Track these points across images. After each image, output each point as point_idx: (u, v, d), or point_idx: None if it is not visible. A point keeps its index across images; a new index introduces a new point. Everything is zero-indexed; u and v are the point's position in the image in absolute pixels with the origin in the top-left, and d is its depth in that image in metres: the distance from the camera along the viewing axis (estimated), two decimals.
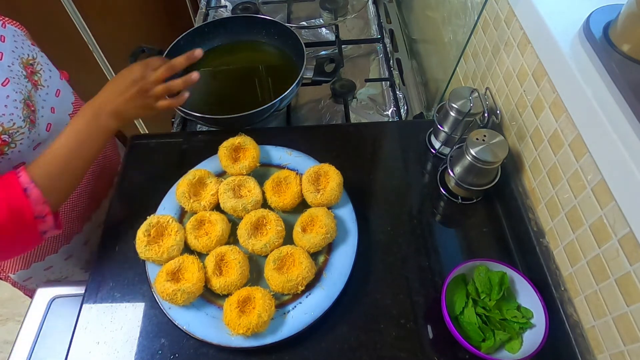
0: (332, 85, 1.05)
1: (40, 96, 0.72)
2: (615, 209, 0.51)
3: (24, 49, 0.71)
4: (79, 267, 0.93)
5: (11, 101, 0.64)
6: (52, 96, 0.75)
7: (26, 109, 0.66)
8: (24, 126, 0.65)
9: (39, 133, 0.70)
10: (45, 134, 0.72)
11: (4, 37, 0.67)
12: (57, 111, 0.75)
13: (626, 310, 0.51)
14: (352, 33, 1.25)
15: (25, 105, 0.66)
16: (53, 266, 0.87)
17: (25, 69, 0.69)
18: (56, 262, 0.87)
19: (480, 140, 0.69)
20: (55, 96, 0.76)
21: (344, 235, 0.70)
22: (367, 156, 0.84)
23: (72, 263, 0.90)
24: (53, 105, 0.75)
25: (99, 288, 0.68)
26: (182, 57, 0.72)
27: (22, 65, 0.69)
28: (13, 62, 0.67)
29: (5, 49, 0.67)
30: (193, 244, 0.68)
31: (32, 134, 0.68)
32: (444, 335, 0.60)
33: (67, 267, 0.90)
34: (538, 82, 0.66)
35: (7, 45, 0.67)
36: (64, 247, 0.86)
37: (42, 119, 0.71)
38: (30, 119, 0.67)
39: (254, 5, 1.29)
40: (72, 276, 0.94)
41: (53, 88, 0.75)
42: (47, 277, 0.89)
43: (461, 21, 0.90)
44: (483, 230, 0.75)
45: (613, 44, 0.53)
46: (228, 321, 0.59)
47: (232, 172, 0.75)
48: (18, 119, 0.64)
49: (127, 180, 0.81)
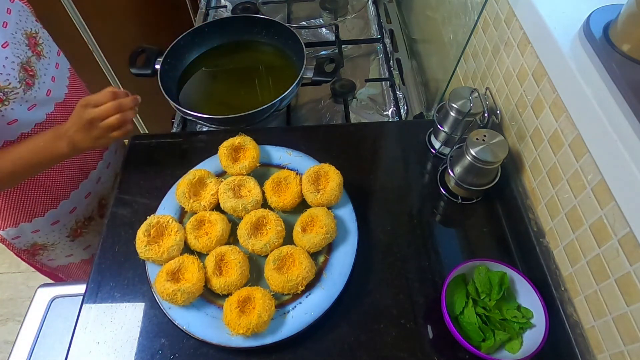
0: (332, 85, 1.05)
1: (43, 65, 0.78)
2: (615, 209, 0.51)
3: (28, 23, 0.77)
4: (65, 234, 0.96)
5: (9, 62, 0.70)
6: (53, 67, 0.81)
7: (23, 72, 0.72)
8: (19, 87, 0.71)
9: (36, 96, 0.75)
10: (44, 97, 0.78)
11: (10, 10, 0.73)
12: (57, 80, 0.81)
13: (626, 310, 0.51)
14: (352, 33, 1.25)
15: (22, 69, 0.72)
16: (40, 230, 0.92)
17: (28, 39, 0.76)
18: (43, 225, 0.91)
19: (480, 140, 0.69)
20: (55, 68, 0.82)
21: (344, 235, 0.70)
22: (367, 156, 0.84)
23: (57, 229, 0.94)
24: (54, 75, 0.81)
25: (99, 288, 0.68)
26: (130, 99, 0.71)
27: (25, 36, 0.75)
28: (16, 32, 0.73)
29: (10, 20, 0.73)
30: (193, 244, 0.68)
31: (27, 95, 0.73)
32: (444, 335, 0.60)
33: (54, 234, 0.94)
34: (538, 82, 0.66)
35: (12, 17, 0.73)
36: (50, 211, 0.90)
37: (44, 84, 0.78)
38: (27, 82, 0.73)
39: (254, 5, 1.29)
40: (58, 244, 0.98)
41: (53, 61, 0.82)
42: (35, 240, 0.94)
43: (461, 21, 0.90)
44: (483, 230, 0.75)
45: (613, 44, 0.53)
46: (228, 321, 0.59)
47: (232, 172, 0.75)
48: (14, 79, 0.70)
49: (127, 180, 0.81)
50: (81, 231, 0.99)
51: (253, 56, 1.08)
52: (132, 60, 0.97)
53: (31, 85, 0.74)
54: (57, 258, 1.02)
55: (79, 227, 0.98)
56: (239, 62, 1.07)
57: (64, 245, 0.99)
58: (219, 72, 1.05)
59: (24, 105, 0.74)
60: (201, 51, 1.07)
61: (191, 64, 1.05)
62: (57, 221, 0.92)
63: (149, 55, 0.97)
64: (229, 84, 1.03)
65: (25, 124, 0.76)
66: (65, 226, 0.95)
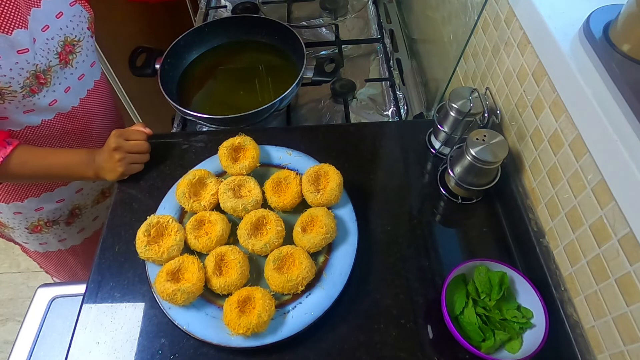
0: (332, 85, 1.05)
1: (65, 74, 0.78)
2: (615, 209, 0.51)
3: (75, 30, 0.78)
4: (24, 226, 0.97)
5: (17, 68, 0.69)
6: (75, 78, 0.82)
7: (33, 79, 0.72)
8: (19, 92, 0.71)
9: (35, 103, 0.75)
10: (45, 106, 0.77)
11: (62, 14, 0.75)
12: (71, 91, 0.81)
13: (626, 310, 0.51)
14: (352, 33, 1.25)
15: (33, 76, 0.71)
16: (2, 212, 0.93)
17: (64, 47, 0.76)
18: (4, 208, 0.92)
19: (480, 140, 0.69)
20: (77, 79, 0.83)
21: (344, 235, 0.70)
22: (367, 156, 0.84)
23: (18, 219, 0.95)
24: (70, 85, 0.81)
25: (99, 288, 0.68)
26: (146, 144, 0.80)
27: (63, 43, 0.76)
28: (53, 37, 0.74)
29: (54, 24, 0.74)
30: (193, 244, 0.68)
31: (25, 100, 0.73)
32: (444, 335, 0.60)
33: (14, 221, 0.95)
34: (538, 82, 0.66)
35: (59, 21, 0.74)
36: (15, 203, 0.91)
37: (52, 94, 0.77)
38: (32, 89, 0.72)
39: (254, 5, 1.29)
40: (17, 230, 0.98)
41: (79, 71, 0.82)
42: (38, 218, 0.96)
43: (461, 21, 0.90)
44: (483, 230, 0.75)
45: (613, 44, 0.53)
46: (228, 321, 0.59)
47: (232, 172, 0.75)
48: (17, 84, 0.70)
49: (126, 180, 0.81)
50: (41, 229, 0.99)
51: (253, 56, 1.08)
52: (132, 60, 0.97)
53: (35, 92, 0.73)
54: (16, 238, 1.03)
55: (40, 225, 0.98)
56: (239, 62, 1.07)
57: (22, 233, 0.99)
58: (219, 72, 1.05)
59: (19, 108, 0.74)
60: (201, 51, 1.07)
61: (191, 64, 1.05)
62: (19, 212, 0.93)
63: (149, 55, 0.97)
64: (229, 84, 1.03)
65: (15, 124, 0.76)
66: (27, 220, 0.95)
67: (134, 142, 0.78)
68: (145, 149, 0.80)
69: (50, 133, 0.82)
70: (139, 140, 0.79)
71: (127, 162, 0.77)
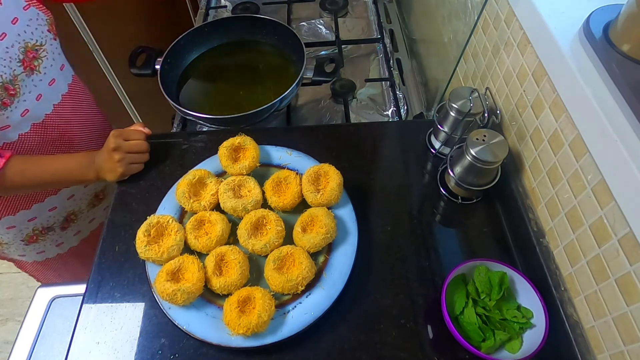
0: (332, 85, 1.05)
1: (33, 81, 0.75)
2: (615, 209, 0.51)
3: (35, 34, 0.74)
4: (20, 238, 0.95)
5: None
6: (45, 84, 0.79)
7: (2, 91, 0.70)
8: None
9: (9, 116, 0.73)
10: (18, 118, 0.75)
11: (17, 19, 0.71)
12: (43, 98, 0.79)
13: (626, 310, 0.51)
14: (352, 33, 1.25)
15: (1, 88, 0.69)
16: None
17: (26, 53, 0.73)
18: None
19: (480, 140, 0.69)
20: (48, 85, 0.80)
21: (344, 235, 0.70)
22: (367, 156, 0.84)
23: (12, 233, 0.93)
24: (41, 92, 0.78)
25: (99, 288, 0.68)
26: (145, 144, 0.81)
27: (24, 50, 0.72)
28: (13, 45, 0.70)
29: (11, 31, 0.70)
30: (193, 244, 0.68)
31: None
32: (444, 335, 0.60)
33: (8, 235, 0.94)
34: (538, 82, 0.66)
35: (16, 27, 0.71)
36: (8, 217, 0.89)
37: (23, 103, 0.75)
38: (3, 102, 0.70)
39: (254, 5, 1.29)
40: (12, 245, 0.96)
41: (49, 76, 0.79)
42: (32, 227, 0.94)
43: (461, 21, 0.90)
44: (483, 230, 0.74)
45: (613, 44, 0.53)
46: (228, 321, 0.59)
47: (232, 172, 0.75)
48: None
49: (127, 181, 0.81)
50: (37, 238, 0.98)
51: (253, 56, 1.08)
52: (132, 60, 0.97)
53: (8, 105, 0.71)
54: (11, 254, 1.01)
55: (35, 235, 0.97)
56: (239, 62, 1.07)
57: (18, 247, 0.97)
58: (219, 72, 1.05)
59: None
60: (201, 51, 1.07)
61: (191, 64, 1.05)
62: (12, 226, 0.92)
63: (149, 55, 0.97)
64: (229, 84, 1.03)
65: None
66: (21, 232, 0.94)
67: (134, 142, 0.78)
68: (144, 148, 0.80)
69: (29, 146, 0.80)
70: (138, 140, 0.79)
71: (127, 162, 0.77)
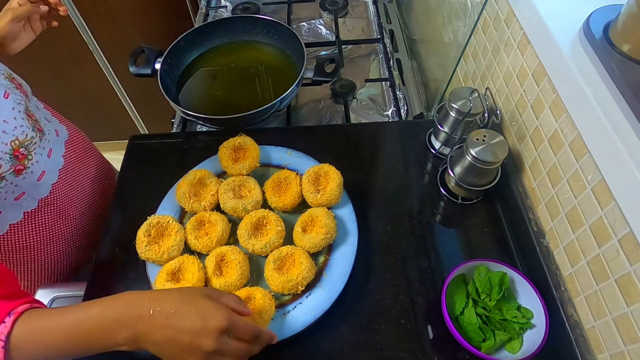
0: (332, 85, 1.05)
1: (37, 106, 0.73)
2: (615, 209, 0.51)
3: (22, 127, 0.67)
4: None
5: (17, 112, 0.64)
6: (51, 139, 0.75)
7: (30, 119, 0.68)
8: (35, 136, 0.67)
9: (49, 140, 0.71)
10: (55, 138, 0.73)
11: None
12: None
13: (626, 310, 0.51)
14: (352, 33, 1.25)
15: (27, 116, 0.67)
16: None
17: (10, 81, 0.69)
18: None
19: (480, 141, 0.69)
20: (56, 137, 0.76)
21: (344, 235, 0.70)
22: (367, 156, 0.84)
23: None
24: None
25: (99, 288, 0.68)
26: None
27: (8, 79, 0.68)
28: (1, 74, 0.67)
29: None
30: (193, 244, 0.68)
31: (42, 142, 0.69)
32: (444, 335, 0.60)
33: None
34: (538, 82, 0.66)
35: None
36: None
37: (50, 124, 0.73)
38: (37, 128, 0.68)
39: (254, 5, 1.29)
40: None
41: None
42: None
43: (461, 21, 0.90)
44: (483, 230, 0.74)
45: (613, 44, 0.53)
46: None
47: (232, 172, 0.75)
48: (28, 129, 0.65)
49: (127, 181, 0.81)
50: None
51: (253, 56, 1.07)
52: (132, 60, 0.97)
53: (42, 130, 0.69)
54: None
55: None
56: (239, 62, 1.07)
57: None
58: (219, 72, 1.05)
59: (43, 155, 0.70)
60: (201, 51, 1.06)
61: (191, 64, 1.05)
62: None
63: (149, 55, 0.97)
64: (229, 84, 1.02)
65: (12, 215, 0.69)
66: None
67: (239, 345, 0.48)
68: None
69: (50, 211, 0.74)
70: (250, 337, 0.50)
71: None
